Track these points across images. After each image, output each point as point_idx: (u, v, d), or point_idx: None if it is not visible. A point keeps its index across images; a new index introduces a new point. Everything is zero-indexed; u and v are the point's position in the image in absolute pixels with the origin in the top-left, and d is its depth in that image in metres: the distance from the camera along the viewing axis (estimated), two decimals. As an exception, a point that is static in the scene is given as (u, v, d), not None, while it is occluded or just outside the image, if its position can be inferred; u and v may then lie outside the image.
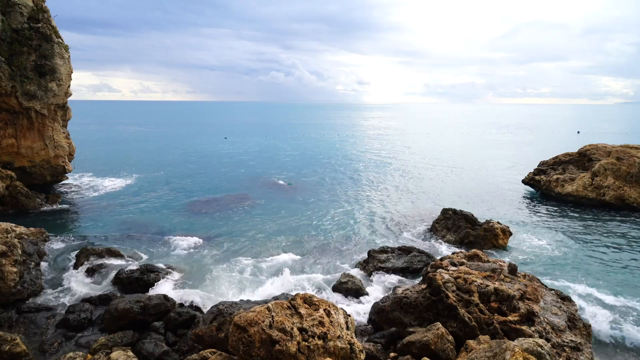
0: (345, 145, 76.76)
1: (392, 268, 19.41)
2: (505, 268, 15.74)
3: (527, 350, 9.79)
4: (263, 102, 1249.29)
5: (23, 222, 23.13)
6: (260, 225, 26.86)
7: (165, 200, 33.21)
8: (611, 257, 21.97)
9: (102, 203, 31.98)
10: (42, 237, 21.03)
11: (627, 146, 33.29)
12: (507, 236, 23.22)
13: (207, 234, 25.03)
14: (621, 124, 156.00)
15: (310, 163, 53.78)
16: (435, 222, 25.67)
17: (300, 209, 31.13)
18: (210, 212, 30.06)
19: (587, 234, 25.48)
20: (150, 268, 18.80)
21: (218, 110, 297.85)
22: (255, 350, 9.87)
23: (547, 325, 12.89)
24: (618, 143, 38.05)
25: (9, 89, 29.99)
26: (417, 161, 56.17)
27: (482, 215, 27.35)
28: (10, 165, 31.73)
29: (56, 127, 34.40)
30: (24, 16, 31.05)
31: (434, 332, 12.30)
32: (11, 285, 16.41)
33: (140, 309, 14.70)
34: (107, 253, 20.29)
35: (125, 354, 11.75)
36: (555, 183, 34.19)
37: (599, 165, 31.84)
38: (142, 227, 26.35)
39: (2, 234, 18.23)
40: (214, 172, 46.31)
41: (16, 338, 12.87)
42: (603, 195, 30.76)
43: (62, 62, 32.66)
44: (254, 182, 40.60)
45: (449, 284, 14.13)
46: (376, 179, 43.35)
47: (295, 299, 11.25)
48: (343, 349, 10.34)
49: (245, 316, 10.34)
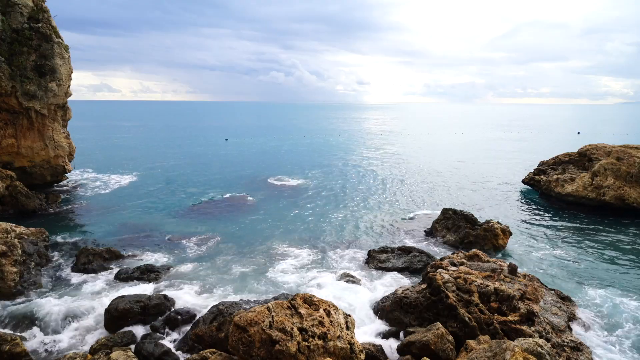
0: (346, 145, 76.78)
1: (392, 268, 19.40)
2: (505, 268, 15.75)
3: (527, 350, 9.80)
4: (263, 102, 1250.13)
5: (23, 222, 23.14)
6: (261, 226, 26.86)
7: (166, 201, 33.22)
8: (611, 256, 21.97)
9: (102, 203, 31.97)
10: (42, 237, 21.03)
11: (627, 146, 33.27)
12: (507, 236, 23.22)
13: (207, 234, 25.02)
14: (621, 124, 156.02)
15: (311, 163, 53.78)
16: (435, 222, 25.66)
17: (301, 208, 31.14)
18: (210, 212, 30.06)
19: (587, 234, 25.48)
20: (150, 268, 18.81)
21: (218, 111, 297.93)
22: (255, 350, 9.87)
23: (547, 325, 12.89)
24: (618, 143, 38.04)
25: (9, 89, 29.99)
26: (417, 161, 56.17)
27: (482, 215, 27.35)
28: (10, 165, 31.73)
29: (56, 127, 34.41)
30: (24, 16, 31.06)
31: (434, 332, 12.31)
32: (11, 285, 16.42)
33: (140, 309, 14.70)
34: (107, 253, 20.29)
35: (125, 354, 11.75)
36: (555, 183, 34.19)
37: (599, 165, 31.83)
38: (142, 227, 26.35)
39: (2, 234, 18.24)
40: (214, 172, 46.31)
41: (16, 338, 12.87)
42: (603, 195, 30.75)
43: (62, 62, 32.66)
44: (254, 183, 40.60)
45: (449, 284, 14.14)
46: (376, 179, 43.35)
47: (295, 299, 11.25)
48: (343, 349, 10.34)
49: (245, 316, 10.34)
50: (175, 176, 43.32)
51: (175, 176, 43.32)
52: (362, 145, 77.46)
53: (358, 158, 59.20)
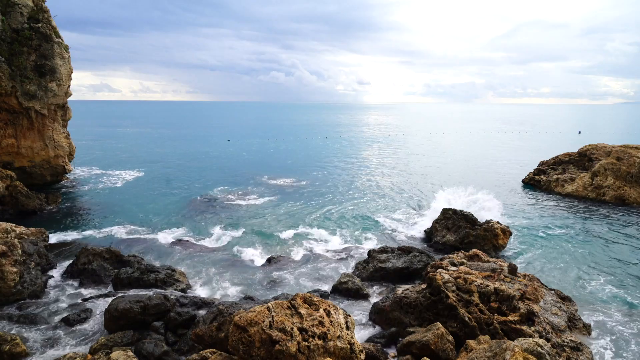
0: (346, 145, 76.79)
1: (392, 268, 19.40)
2: (505, 268, 15.74)
3: (527, 350, 9.80)
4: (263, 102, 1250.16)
5: (23, 222, 23.12)
6: (261, 225, 26.88)
7: (166, 201, 33.21)
8: (611, 256, 21.97)
9: (102, 203, 31.97)
10: (42, 237, 21.01)
11: (627, 146, 33.27)
12: (507, 236, 23.21)
13: (208, 234, 25.04)
14: (621, 124, 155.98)
15: (311, 163, 53.78)
16: (435, 222, 25.64)
17: (301, 208, 31.15)
18: (210, 212, 30.07)
19: (587, 234, 25.47)
20: (150, 268, 18.80)
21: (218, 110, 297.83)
22: (255, 350, 9.87)
23: (547, 325, 12.89)
24: (618, 143, 38.04)
25: (9, 89, 29.99)
26: (417, 161, 56.17)
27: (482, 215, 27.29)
28: (10, 165, 31.73)
29: (56, 127, 34.41)
30: (24, 16, 31.06)
31: (434, 332, 12.31)
32: (11, 285, 16.42)
33: (140, 309, 14.69)
34: (107, 253, 20.25)
35: (125, 354, 11.74)
36: (555, 183, 34.20)
37: (599, 165, 31.83)
38: (142, 226, 26.35)
39: (2, 234, 18.23)
40: (214, 173, 46.33)
41: (16, 338, 12.87)
42: (603, 195, 30.77)
43: (62, 62, 32.67)
44: (255, 183, 40.62)
45: (449, 284, 14.14)
46: (376, 179, 43.36)
47: (295, 299, 11.25)
48: (343, 349, 10.34)
49: (245, 316, 10.34)
50: (175, 176, 43.31)
51: (175, 176, 43.31)
52: (362, 145, 77.48)
53: (358, 158, 59.20)
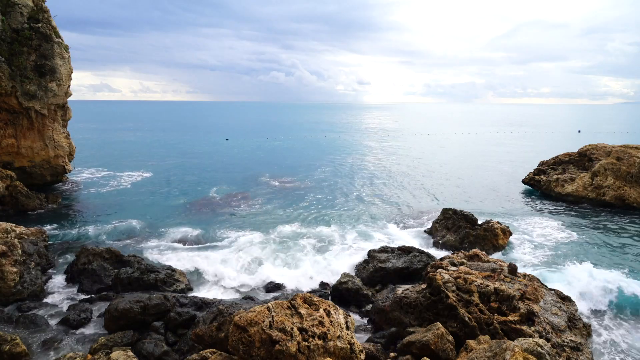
0: (345, 145, 76.77)
1: (392, 268, 19.40)
2: (505, 268, 15.74)
3: (527, 350, 9.80)
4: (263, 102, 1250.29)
5: (23, 222, 23.14)
6: (261, 225, 26.86)
7: (166, 201, 33.21)
8: (611, 256, 21.96)
9: (102, 203, 31.96)
10: (42, 237, 21.02)
11: (627, 146, 33.23)
12: (507, 236, 23.21)
13: (208, 234, 25.04)
14: (621, 124, 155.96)
15: (310, 163, 53.75)
16: (435, 222, 25.65)
17: (301, 208, 31.14)
18: (210, 212, 30.07)
19: (587, 234, 25.47)
20: (150, 268, 18.80)
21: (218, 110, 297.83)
22: (255, 350, 9.87)
23: (547, 325, 12.88)
24: (618, 143, 38.02)
25: (9, 89, 29.99)
26: (417, 161, 56.14)
27: (482, 215, 27.33)
28: (10, 165, 31.73)
29: (56, 127, 34.41)
30: (24, 16, 31.06)
31: (434, 332, 12.30)
32: (11, 285, 16.42)
33: (140, 309, 14.70)
34: (107, 253, 20.25)
35: (125, 354, 11.74)
36: (555, 183, 34.19)
37: (599, 165, 31.82)
38: (142, 226, 26.34)
39: (2, 234, 18.24)
40: (214, 173, 46.31)
41: (16, 338, 12.88)
42: (603, 196, 30.76)
43: (62, 62, 32.67)
44: (255, 183, 40.61)
45: (449, 284, 14.13)
46: (376, 179, 43.35)
47: (295, 299, 11.25)
48: (343, 349, 10.34)
49: (245, 316, 10.34)
50: (175, 176, 43.30)
51: (175, 176, 43.30)
52: (362, 145, 77.46)
53: (357, 158, 59.18)
